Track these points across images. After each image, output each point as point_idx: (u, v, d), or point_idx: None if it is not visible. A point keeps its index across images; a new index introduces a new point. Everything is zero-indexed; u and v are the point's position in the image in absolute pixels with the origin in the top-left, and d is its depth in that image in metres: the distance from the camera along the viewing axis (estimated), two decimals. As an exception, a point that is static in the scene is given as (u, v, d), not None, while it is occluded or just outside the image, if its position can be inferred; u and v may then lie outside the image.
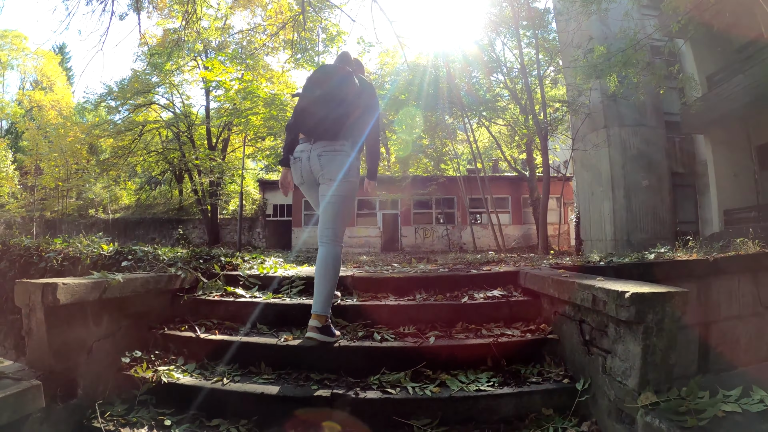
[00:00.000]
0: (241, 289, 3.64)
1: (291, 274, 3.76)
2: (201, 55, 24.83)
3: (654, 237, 15.37)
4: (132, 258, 4.04)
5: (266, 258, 4.74)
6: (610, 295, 2.29)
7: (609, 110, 16.80)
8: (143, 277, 3.26)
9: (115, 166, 28.93)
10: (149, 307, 3.36)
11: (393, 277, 3.62)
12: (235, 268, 4.10)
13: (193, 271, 3.78)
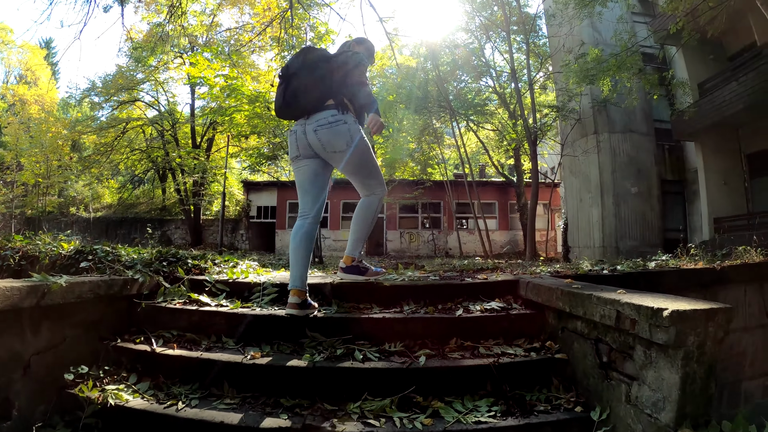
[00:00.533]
0: (206, 297, 3.20)
1: (263, 280, 3.31)
2: (187, 52, 24.30)
3: (642, 244, 15.43)
4: (92, 258, 3.61)
5: (239, 261, 4.31)
6: (641, 313, 1.91)
7: (599, 116, 16.69)
8: (92, 281, 2.84)
9: (97, 164, 28.11)
10: (100, 315, 2.94)
11: (378, 286, 3.21)
12: (203, 272, 3.66)
13: (153, 274, 3.35)
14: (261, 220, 27.32)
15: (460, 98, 21.55)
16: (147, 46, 18.70)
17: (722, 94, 12.76)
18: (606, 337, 2.23)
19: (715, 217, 13.91)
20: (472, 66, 23.33)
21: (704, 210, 14.32)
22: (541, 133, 17.65)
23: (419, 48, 21.54)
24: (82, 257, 3.64)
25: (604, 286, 2.65)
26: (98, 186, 34.80)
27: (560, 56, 17.82)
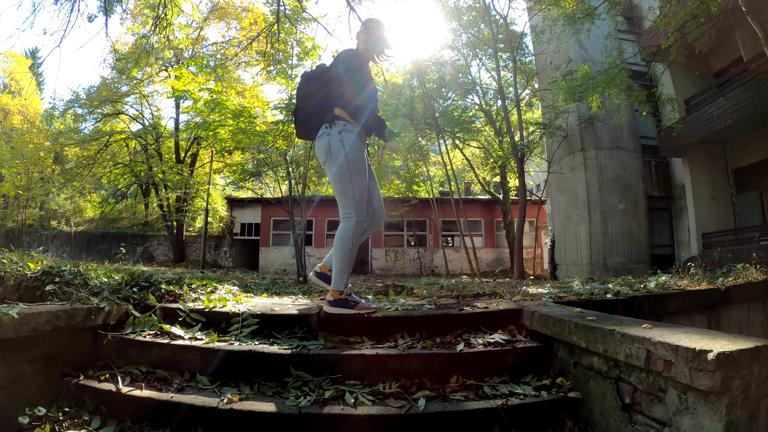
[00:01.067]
0: (179, 328, 2.88)
1: (242, 310, 2.99)
2: (173, 65, 24.06)
3: (630, 260, 15.47)
4: (59, 281, 3.32)
5: (218, 285, 3.99)
6: (680, 355, 1.67)
7: (586, 133, 16.72)
8: (50, 312, 2.53)
9: (80, 177, 27.49)
10: (62, 348, 2.64)
11: (369, 317, 2.92)
12: (177, 299, 3.34)
13: (122, 302, 3.04)
14: (245, 237, 26.81)
15: (447, 115, 21.50)
16: (132, 57, 18.42)
17: (709, 110, 12.85)
18: (630, 377, 1.98)
19: (703, 233, 13.99)
20: (458, 83, 23.33)
21: (692, 225, 14.37)
22: (528, 151, 17.58)
23: (406, 65, 21.51)
24: (48, 279, 3.35)
25: (621, 318, 2.40)
26: (80, 200, 34.22)
27: (547, 73, 17.88)
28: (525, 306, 3.03)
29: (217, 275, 14.36)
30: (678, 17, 8.12)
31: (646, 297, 3.98)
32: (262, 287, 6.49)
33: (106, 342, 2.76)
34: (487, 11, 18.91)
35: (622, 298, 3.78)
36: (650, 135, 16.75)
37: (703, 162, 14.20)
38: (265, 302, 3.62)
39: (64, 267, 3.64)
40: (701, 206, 14.15)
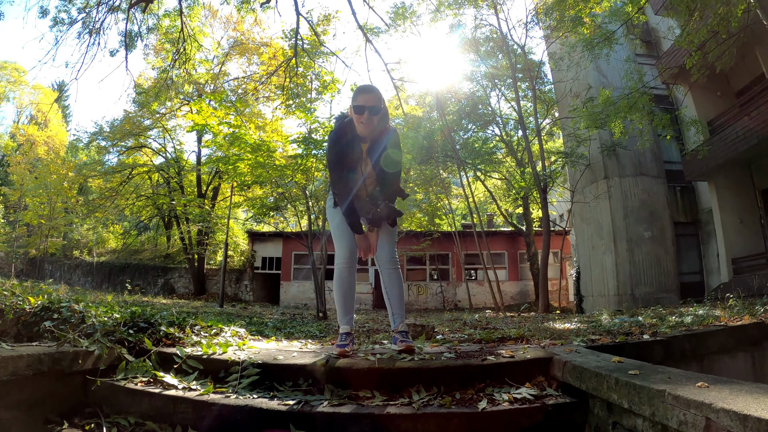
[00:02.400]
0: (172, 376, 2.62)
1: (243, 358, 2.71)
2: (194, 99, 24.44)
3: (658, 290, 15.03)
4: (57, 318, 3.15)
5: (224, 327, 3.74)
6: (749, 427, 1.34)
7: (609, 161, 16.47)
8: (32, 356, 2.34)
9: (102, 208, 27.94)
10: (46, 393, 2.44)
11: (382, 368, 2.61)
12: (176, 343, 3.10)
13: (114, 345, 2.81)
14: (266, 270, 26.74)
15: (467, 147, 21.36)
16: (152, 91, 18.73)
17: (734, 130, 12.52)
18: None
19: (733, 258, 13.49)
20: (478, 114, 23.27)
21: (721, 251, 13.86)
22: (550, 181, 17.28)
23: (425, 97, 21.50)
24: (47, 315, 3.19)
25: (669, 371, 2.07)
26: (103, 230, 34.67)
27: (567, 102, 17.73)
28: (555, 354, 2.71)
29: (236, 310, 14.24)
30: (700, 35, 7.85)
31: (686, 336, 3.65)
32: (273, 326, 6.26)
33: (95, 388, 2.53)
34: (504, 41, 18.89)
35: (660, 339, 3.46)
36: (674, 160, 16.43)
37: (729, 184, 13.83)
38: (270, 348, 3.35)
39: (64, 303, 3.46)
40: (730, 230, 13.69)
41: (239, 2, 12.97)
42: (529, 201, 22.27)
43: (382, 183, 3.31)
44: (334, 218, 3.43)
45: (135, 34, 12.40)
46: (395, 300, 3.38)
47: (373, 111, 3.14)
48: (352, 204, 3.26)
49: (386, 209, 3.20)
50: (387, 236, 3.39)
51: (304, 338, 6.04)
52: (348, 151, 3.25)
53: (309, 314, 14.12)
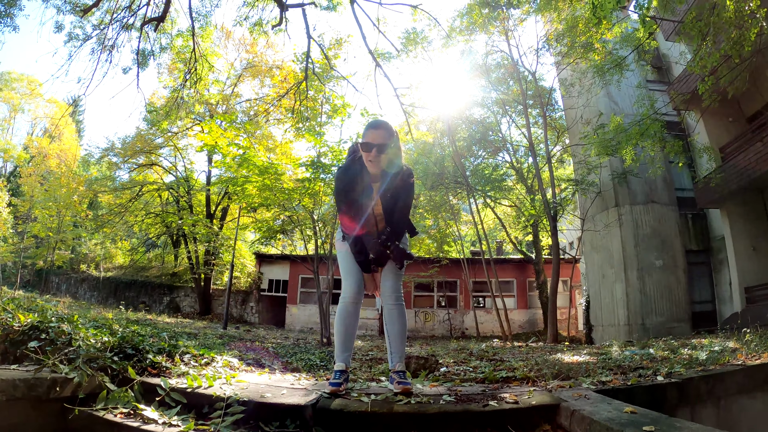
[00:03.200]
0: (153, 410, 2.45)
1: (228, 394, 2.54)
2: (205, 120, 24.60)
3: (670, 320, 14.77)
4: (45, 338, 3.04)
5: (216, 356, 3.59)
6: None
7: (620, 188, 16.33)
8: (6, 380, 2.27)
9: (111, 224, 28.07)
10: (21, 421, 2.34)
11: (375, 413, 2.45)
12: (162, 372, 2.95)
13: (96, 372, 2.68)
14: (272, 293, 26.54)
15: (477, 174, 21.29)
16: (163, 110, 18.87)
17: (746, 157, 12.35)
18: None
19: (746, 286, 13.15)
20: (488, 141, 23.25)
21: (734, 279, 13.56)
22: (561, 209, 17.10)
23: (436, 123, 21.53)
24: (35, 335, 3.08)
25: (686, 426, 1.89)
26: (111, 246, 34.73)
27: (578, 128, 17.68)
28: (563, 400, 2.51)
29: (239, 333, 14.02)
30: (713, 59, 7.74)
31: (702, 378, 3.46)
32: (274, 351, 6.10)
33: (72, 417, 2.39)
34: (515, 68, 18.91)
35: (675, 380, 3.28)
36: (685, 187, 16.35)
37: (742, 211, 13.60)
38: (260, 381, 3.18)
39: (53, 323, 3.34)
40: (742, 258, 13.39)
41: (251, 24, 13.09)
42: (539, 228, 22.09)
43: (391, 223, 3.18)
44: (342, 252, 3.36)
45: (148, 53, 12.54)
46: (395, 338, 3.23)
47: (381, 149, 3.01)
48: (361, 242, 3.17)
49: (396, 252, 3.09)
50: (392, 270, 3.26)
51: (303, 367, 5.87)
52: (356, 188, 3.15)
53: (313, 339, 13.90)
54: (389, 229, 3.16)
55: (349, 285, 3.27)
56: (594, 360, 5.62)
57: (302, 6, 11.22)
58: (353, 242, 3.17)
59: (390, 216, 3.18)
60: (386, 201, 3.17)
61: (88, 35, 11.64)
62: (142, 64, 12.28)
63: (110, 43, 11.60)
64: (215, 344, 7.55)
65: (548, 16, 15.96)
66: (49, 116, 38.65)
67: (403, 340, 3.27)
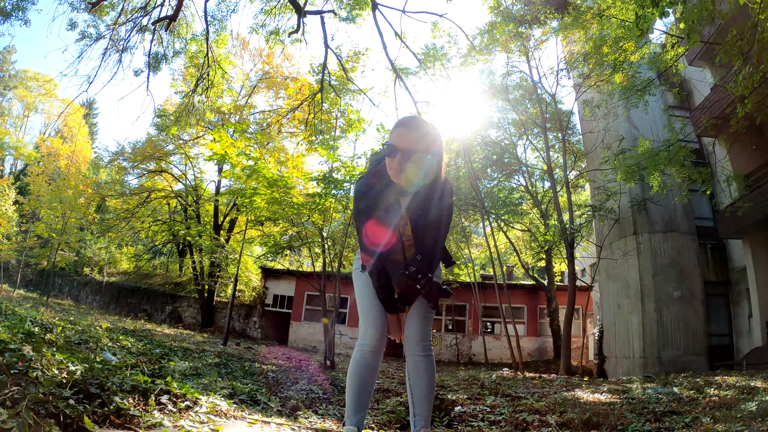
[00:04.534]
0: None
1: None
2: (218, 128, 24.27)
3: (686, 353, 14.33)
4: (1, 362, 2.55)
5: (200, 397, 3.03)
6: None
7: (638, 216, 15.87)
8: None
9: (115, 228, 27.77)
10: None
11: None
12: (129, 422, 2.40)
13: (44, 420, 2.16)
14: (276, 309, 25.94)
15: (492, 197, 20.83)
16: (174, 115, 18.60)
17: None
18: None
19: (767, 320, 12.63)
20: (504, 163, 22.83)
21: (755, 312, 13.05)
22: (578, 235, 16.54)
23: (451, 143, 21.13)
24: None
25: None
26: (116, 251, 34.50)
27: (596, 153, 17.28)
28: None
29: (238, 351, 13.46)
30: (754, 80, 7.27)
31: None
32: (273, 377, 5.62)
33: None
34: (534, 89, 18.52)
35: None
36: (705, 215, 16.00)
37: (764, 241, 13.16)
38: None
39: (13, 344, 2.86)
40: (765, 291, 12.88)
41: (268, 32, 12.81)
42: (552, 254, 21.51)
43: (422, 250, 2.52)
44: (361, 286, 2.71)
45: (161, 57, 12.29)
46: (421, 398, 2.58)
47: (407, 156, 2.29)
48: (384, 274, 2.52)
49: (429, 287, 2.40)
50: (421, 310, 2.61)
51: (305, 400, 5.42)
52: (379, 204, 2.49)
53: (316, 361, 13.34)
54: (420, 258, 2.49)
55: (370, 328, 2.60)
56: (617, 400, 5.27)
57: (320, 13, 10.89)
58: (375, 273, 2.53)
59: (421, 240, 2.54)
60: (417, 221, 2.53)
61: (100, 34, 11.40)
62: (154, 68, 12.04)
63: (123, 44, 11.38)
64: (209, 367, 7.03)
65: (570, 38, 15.62)
66: (62, 116, 38.89)
67: (431, 399, 2.64)
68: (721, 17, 6.04)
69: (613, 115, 15.49)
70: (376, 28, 10.85)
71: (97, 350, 5.60)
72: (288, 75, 25.54)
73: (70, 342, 5.57)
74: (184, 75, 21.71)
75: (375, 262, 2.50)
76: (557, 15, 12.56)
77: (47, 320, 6.99)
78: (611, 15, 11.58)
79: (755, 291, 12.99)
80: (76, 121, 37.10)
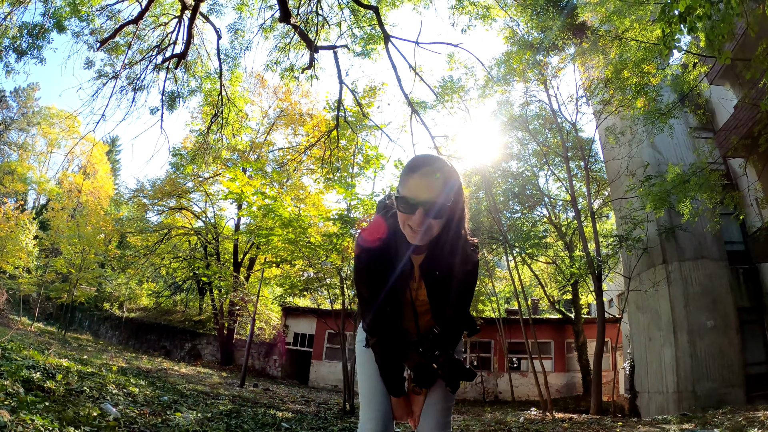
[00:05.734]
0: None
1: None
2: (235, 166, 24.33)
3: (722, 385, 13.62)
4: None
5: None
6: None
7: (667, 244, 15.34)
8: None
9: (135, 265, 28.09)
10: None
11: None
12: None
13: None
14: (297, 347, 25.56)
15: (514, 229, 20.45)
16: (189, 154, 18.68)
17: None
18: None
19: None
20: (526, 195, 22.50)
21: None
22: (606, 267, 16.01)
23: (471, 176, 20.89)
24: None
25: None
26: (136, 287, 34.64)
27: (621, 181, 16.85)
28: None
29: (255, 394, 13.02)
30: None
31: None
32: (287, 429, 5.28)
33: None
34: (554, 118, 18.25)
35: None
36: (735, 239, 15.48)
37: None
38: None
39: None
40: None
41: (283, 70, 12.82)
42: (579, 286, 20.93)
43: (442, 320, 2.06)
44: (364, 363, 2.24)
45: (176, 95, 12.35)
46: None
47: (433, 210, 1.80)
48: (390, 352, 2.07)
49: (449, 367, 1.97)
50: (440, 397, 2.14)
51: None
52: (388, 266, 1.99)
53: (335, 404, 12.90)
54: (438, 331, 2.04)
55: (370, 415, 2.15)
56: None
57: (333, 48, 10.83)
58: (378, 348, 2.08)
59: (440, 308, 2.05)
60: (434, 283, 2.02)
61: (116, 72, 11.52)
62: (169, 106, 12.09)
63: (138, 82, 11.49)
64: (218, 420, 6.67)
65: (587, 64, 15.40)
66: (84, 153, 39.62)
67: None
68: (752, 30, 5.74)
69: (636, 141, 15.13)
70: (390, 62, 10.71)
71: (99, 400, 5.35)
72: (306, 111, 25.70)
73: (71, 391, 5.30)
74: (201, 113, 21.93)
75: (379, 336, 2.06)
76: (575, 40, 12.41)
77: (51, 364, 6.77)
78: (630, 38, 11.35)
79: (791, 316, 12.40)
80: (98, 158, 37.73)
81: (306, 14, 11.39)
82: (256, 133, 25.45)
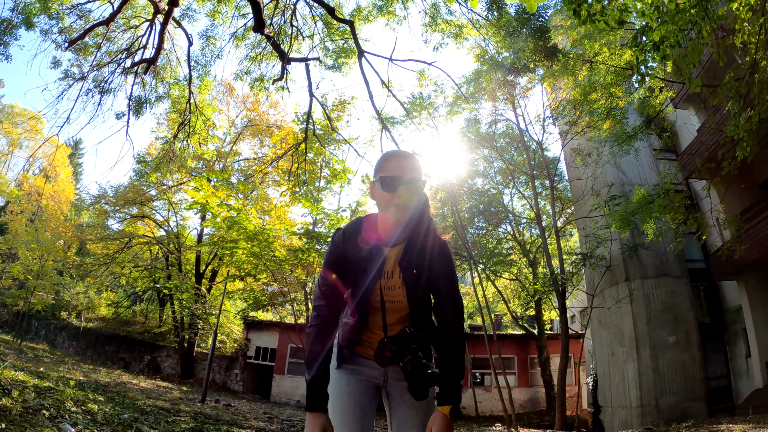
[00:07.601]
0: None
1: None
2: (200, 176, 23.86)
3: (685, 399, 13.98)
4: None
5: None
6: None
7: (630, 262, 15.70)
8: None
9: (94, 273, 27.19)
10: None
11: None
12: None
13: None
14: (259, 361, 24.90)
15: (479, 246, 20.56)
16: (154, 161, 18.25)
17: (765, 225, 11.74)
18: None
19: (767, 360, 12.35)
20: (491, 212, 22.67)
21: (753, 352, 12.81)
22: (570, 284, 16.22)
23: (437, 193, 20.96)
24: None
25: None
26: (94, 296, 33.48)
27: (584, 200, 17.14)
28: None
29: (216, 411, 12.57)
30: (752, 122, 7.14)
31: None
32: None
33: None
34: (521, 137, 18.52)
35: None
36: (695, 257, 15.92)
37: (759, 281, 12.95)
38: None
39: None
40: (762, 330, 12.62)
41: (253, 80, 12.62)
42: (542, 303, 21.16)
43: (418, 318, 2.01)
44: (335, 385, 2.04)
45: (144, 100, 12.03)
46: None
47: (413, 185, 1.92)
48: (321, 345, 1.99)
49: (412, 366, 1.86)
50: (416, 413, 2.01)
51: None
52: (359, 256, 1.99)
53: (299, 420, 12.61)
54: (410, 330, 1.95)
55: None
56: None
57: (305, 60, 10.70)
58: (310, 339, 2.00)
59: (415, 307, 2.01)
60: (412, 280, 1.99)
61: (83, 74, 11.17)
62: (136, 112, 11.75)
63: (104, 85, 11.17)
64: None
65: (555, 85, 15.67)
66: (46, 155, 38.31)
67: None
68: (720, 60, 5.89)
69: (602, 161, 15.45)
70: (363, 77, 10.63)
71: (57, 419, 5.06)
72: (274, 122, 25.38)
73: (28, 409, 4.99)
74: (169, 120, 21.47)
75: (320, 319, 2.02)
76: (547, 63, 12.67)
77: (8, 378, 6.41)
78: (600, 61, 11.59)
79: (752, 331, 12.78)
80: (60, 161, 36.49)
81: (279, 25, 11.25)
82: (222, 142, 24.99)
